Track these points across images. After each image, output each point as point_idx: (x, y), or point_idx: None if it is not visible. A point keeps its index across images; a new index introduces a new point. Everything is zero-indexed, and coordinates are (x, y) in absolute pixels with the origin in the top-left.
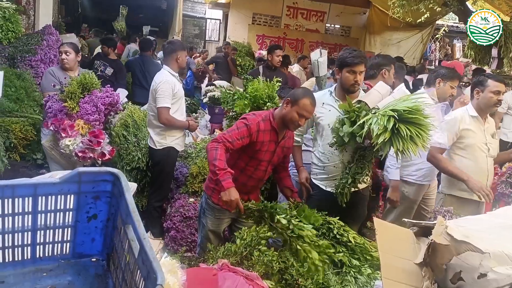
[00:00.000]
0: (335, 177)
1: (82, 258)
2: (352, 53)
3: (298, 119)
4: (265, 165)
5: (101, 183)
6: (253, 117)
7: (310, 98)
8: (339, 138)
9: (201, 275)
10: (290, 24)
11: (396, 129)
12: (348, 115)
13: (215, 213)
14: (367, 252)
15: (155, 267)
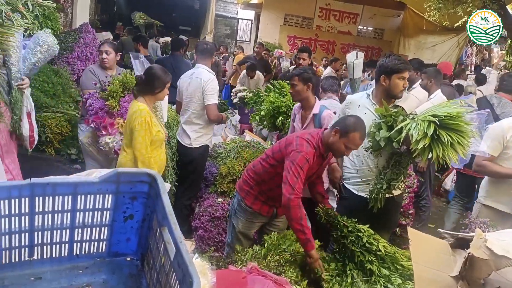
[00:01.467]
0: (369, 181)
1: (117, 257)
2: (398, 60)
3: (344, 151)
4: (305, 182)
5: (138, 184)
6: (309, 149)
7: (360, 132)
8: (375, 142)
9: (231, 278)
10: (322, 26)
11: (437, 135)
12: (385, 119)
13: (247, 216)
14: (397, 262)
15: (191, 271)
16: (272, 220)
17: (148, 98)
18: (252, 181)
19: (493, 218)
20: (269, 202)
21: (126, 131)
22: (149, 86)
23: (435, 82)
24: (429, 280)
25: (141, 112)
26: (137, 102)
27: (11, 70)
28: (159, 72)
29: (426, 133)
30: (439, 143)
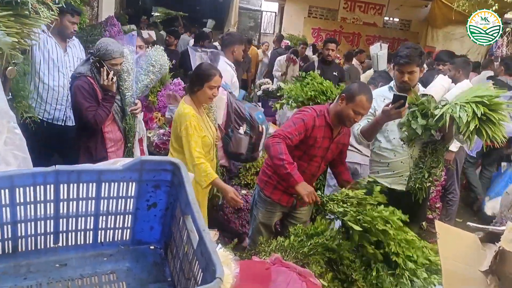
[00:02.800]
0: (401, 173)
1: (141, 245)
2: (403, 52)
3: (354, 116)
4: (319, 161)
5: (161, 172)
6: (310, 112)
7: (366, 95)
8: (412, 131)
9: (254, 268)
10: (347, 17)
11: (484, 116)
12: (417, 107)
13: (266, 206)
14: (424, 256)
15: (214, 259)
16: (293, 211)
17: (195, 98)
18: (270, 170)
19: None
20: (289, 190)
21: (173, 133)
22: (192, 83)
23: (464, 73)
24: (457, 274)
25: (186, 116)
26: (183, 103)
27: (125, 96)
28: (201, 69)
29: (475, 114)
30: (488, 123)
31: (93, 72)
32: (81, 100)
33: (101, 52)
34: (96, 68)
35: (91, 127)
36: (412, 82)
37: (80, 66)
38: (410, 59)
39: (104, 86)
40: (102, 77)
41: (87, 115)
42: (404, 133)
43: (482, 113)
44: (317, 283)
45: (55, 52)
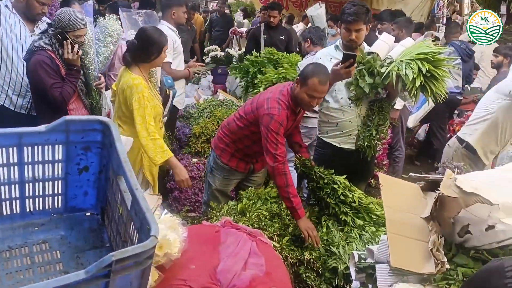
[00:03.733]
0: (350, 132)
1: (76, 212)
2: (350, 9)
3: (309, 100)
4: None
5: (90, 133)
6: (281, 111)
7: (319, 77)
8: (360, 90)
9: (203, 232)
10: None
11: (428, 72)
12: (364, 66)
13: (224, 173)
14: (372, 212)
15: (149, 217)
16: (249, 175)
17: (143, 66)
18: (228, 139)
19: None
20: (246, 159)
21: (120, 106)
22: (144, 52)
23: (406, 32)
24: (400, 223)
25: (138, 87)
26: (130, 73)
27: (88, 70)
28: (154, 36)
29: (420, 71)
30: (432, 80)
31: (54, 46)
32: (45, 77)
33: (64, 23)
34: (58, 41)
35: (57, 106)
36: (359, 40)
37: (36, 39)
38: (358, 17)
39: (68, 60)
40: (66, 50)
41: (53, 93)
42: (352, 92)
43: (427, 69)
44: (267, 242)
45: (19, 29)
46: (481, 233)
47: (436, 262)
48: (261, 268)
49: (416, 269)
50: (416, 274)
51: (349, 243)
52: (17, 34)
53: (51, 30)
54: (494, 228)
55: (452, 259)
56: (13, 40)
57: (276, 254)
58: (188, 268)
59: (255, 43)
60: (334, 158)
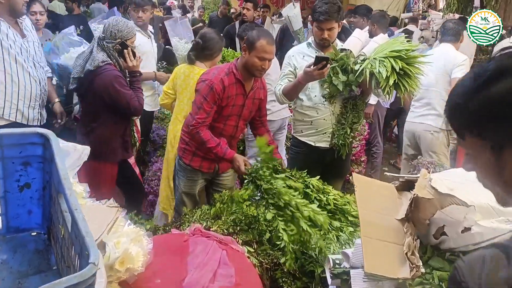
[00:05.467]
0: (325, 130)
1: (20, 232)
2: (321, 8)
3: (260, 64)
4: (235, 119)
5: (29, 147)
6: (215, 75)
7: (266, 38)
8: (333, 88)
9: (171, 242)
10: None
11: (402, 70)
12: (337, 63)
13: (187, 174)
14: (348, 213)
15: (87, 242)
16: (216, 178)
17: (207, 63)
18: (187, 136)
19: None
20: (209, 156)
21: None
22: (208, 51)
23: (379, 27)
24: (375, 225)
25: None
26: (200, 69)
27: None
28: (217, 37)
29: (394, 69)
30: (405, 77)
31: (114, 57)
32: (123, 90)
33: (124, 32)
34: (117, 51)
35: (133, 115)
36: (331, 39)
37: (96, 55)
38: (330, 16)
39: (131, 67)
40: (128, 58)
41: (133, 103)
42: (326, 90)
43: (400, 67)
44: (238, 249)
45: (12, 37)
46: (457, 235)
47: (411, 266)
48: (230, 279)
49: (391, 274)
50: (391, 279)
51: (327, 245)
52: (13, 42)
53: (107, 42)
54: (470, 230)
55: (428, 262)
56: (11, 50)
57: (248, 262)
58: (153, 282)
59: (230, 41)
60: (309, 156)
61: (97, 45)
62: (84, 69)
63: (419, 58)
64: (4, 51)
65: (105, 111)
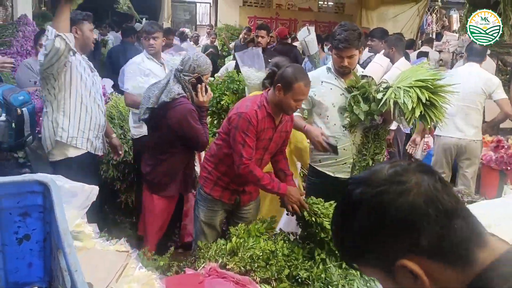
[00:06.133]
0: (345, 160)
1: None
2: (341, 35)
3: (295, 105)
4: (261, 153)
5: (28, 196)
6: (249, 107)
7: (303, 80)
8: (354, 117)
9: (185, 284)
10: (282, 4)
11: (428, 100)
12: (358, 91)
13: (207, 204)
14: None
15: None
16: (238, 210)
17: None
18: (210, 165)
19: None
20: (231, 187)
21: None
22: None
23: (397, 50)
24: None
25: None
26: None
27: None
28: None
29: (419, 100)
30: (431, 109)
31: (189, 90)
32: (195, 125)
33: (202, 67)
34: (192, 84)
35: (199, 150)
36: (352, 66)
37: (172, 86)
38: (349, 43)
39: (202, 102)
40: (201, 93)
41: (202, 138)
42: (346, 120)
43: (427, 98)
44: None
45: (87, 72)
46: None
47: None
48: None
49: None
50: None
51: (350, 282)
52: (88, 75)
53: (184, 75)
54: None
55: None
56: (87, 83)
57: None
58: None
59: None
60: (327, 187)
61: (174, 77)
62: (159, 100)
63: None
64: (82, 83)
65: (174, 144)
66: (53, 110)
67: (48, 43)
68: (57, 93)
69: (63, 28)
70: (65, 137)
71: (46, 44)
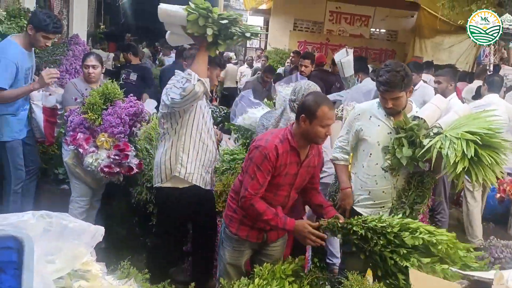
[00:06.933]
0: (383, 204)
1: None
2: (382, 77)
3: (325, 131)
4: (287, 189)
5: (3, 252)
6: (269, 141)
7: (326, 104)
8: (396, 161)
9: None
10: (333, 30)
11: (476, 156)
12: (405, 134)
13: (233, 244)
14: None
15: None
16: (264, 247)
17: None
18: (234, 203)
19: None
20: (258, 225)
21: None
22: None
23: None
24: None
25: None
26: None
27: None
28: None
29: (465, 154)
30: (479, 165)
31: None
32: None
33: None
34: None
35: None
36: (398, 107)
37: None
38: (391, 87)
39: None
40: None
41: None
42: (387, 162)
43: (473, 154)
44: None
45: (207, 109)
46: None
47: None
48: None
49: None
50: None
51: None
52: (207, 112)
53: (297, 104)
54: None
55: None
56: (207, 121)
57: None
58: None
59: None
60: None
61: (289, 106)
62: (278, 127)
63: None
64: (203, 121)
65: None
66: (172, 145)
67: (188, 86)
68: (179, 129)
69: (202, 73)
70: (183, 173)
71: (186, 87)
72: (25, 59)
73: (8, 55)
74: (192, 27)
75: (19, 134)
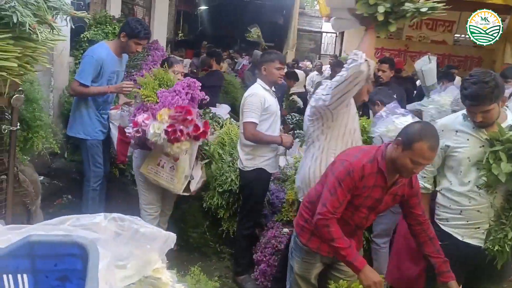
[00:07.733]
0: (478, 225)
1: None
2: (468, 90)
3: (412, 167)
4: (366, 212)
5: (66, 259)
6: (357, 158)
7: (428, 142)
8: (493, 178)
9: None
10: (413, 36)
11: None
12: (502, 146)
13: (303, 256)
14: None
15: None
16: (337, 262)
17: None
18: (308, 213)
19: None
20: None
21: None
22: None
23: None
24: None
25: None
26: None
27: None
28: None
29: None
30: None
31: None
32: None
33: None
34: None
35: None
36: (490, 120)
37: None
38: (478, 101)
39: None
40: None
41: None
42: (482, 178)
43: None
44: None
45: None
46: None
47: None
48: None
49: None
50: None
51: None
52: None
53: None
54: None
55: None
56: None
57: None
58: None
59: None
60: (452, 253)
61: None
62: None
63: None
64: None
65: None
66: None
67: (353, 65)
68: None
69: (369, 53)
70: None
71: (350, 66)
72: (112, 63)
73: (95, 55)
74: (362, 7)
75: (100, 135)
